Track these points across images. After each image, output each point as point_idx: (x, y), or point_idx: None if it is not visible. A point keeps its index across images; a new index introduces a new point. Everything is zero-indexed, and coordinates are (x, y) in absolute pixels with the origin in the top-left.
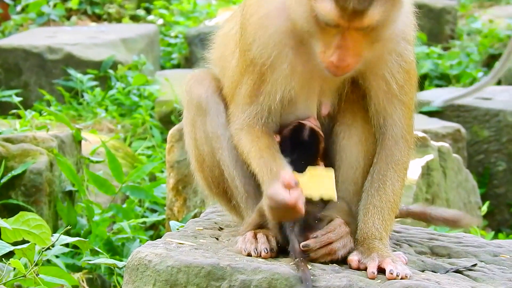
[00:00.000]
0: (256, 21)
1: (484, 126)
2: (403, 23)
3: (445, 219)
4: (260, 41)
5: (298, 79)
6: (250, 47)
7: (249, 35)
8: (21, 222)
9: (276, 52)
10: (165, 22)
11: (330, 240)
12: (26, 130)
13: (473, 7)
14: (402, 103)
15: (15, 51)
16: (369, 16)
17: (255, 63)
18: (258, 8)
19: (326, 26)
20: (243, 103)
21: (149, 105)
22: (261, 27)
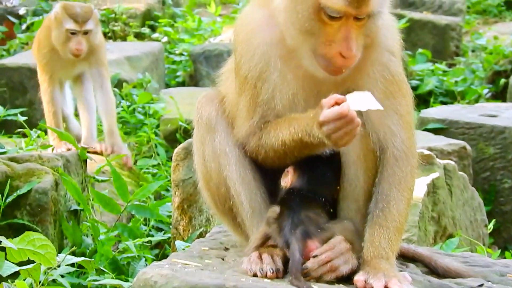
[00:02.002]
0: (242, 38)
1: (489, 143)
2: (385, 34)
3: (449, 270)
4: (247, 56)
5: (290, 89)
6: (240, 65)
7: (238, 54)
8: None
9: (263, 63)
10: (170, 40)
11: (329, 258)
12: (32, 149)
13: (477, 24)
14: (399, 115)
15: (20, 70)
16: (373, 3)
17: (247, 79)
18: (244, 26)
19: (329, 20)
20: (243, 117)
21: (154, 123)
22: (247, 42)
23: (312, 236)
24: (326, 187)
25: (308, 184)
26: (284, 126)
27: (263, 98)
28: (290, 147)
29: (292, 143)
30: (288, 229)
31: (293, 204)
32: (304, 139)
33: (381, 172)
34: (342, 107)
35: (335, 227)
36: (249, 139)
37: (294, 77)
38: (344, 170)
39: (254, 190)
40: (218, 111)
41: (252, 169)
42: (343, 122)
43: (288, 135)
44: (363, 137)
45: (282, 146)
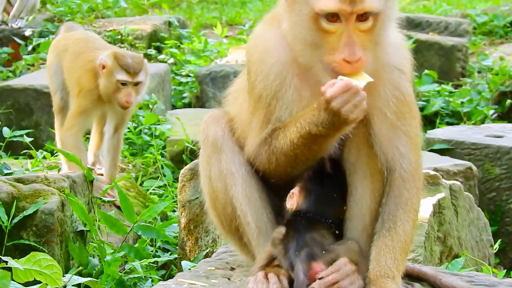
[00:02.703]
0: (256, 58)
1: (495, 163)
2: (395, 52)
3: None
4: (263, 75)
5: (306, 105)
6: (255, 84)
7: (253, 73)
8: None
9: (278, 81)
10: (176, 61)
11: (335, 279)
12: (38, 170)
13: (483, 45)
14: (408, 137)
15: (26, 91)
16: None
17: (261, 98)
18: (257, 46)
19: (329, 26)
20: (255, 135)
21: (160, 144)
22: (262, 62)
23: (317, 258)
24: (332, 207)
25: (314, 205)
26: (291, 125)
27: (277, 116)
28: (299, 146)
29: (300, 140)
30: (293, 251)
31: (298, 226)
32: (312, 131)
33: (388, 192)
34: (346, 81)
35: (339, 248)
36: (260, 151)
37: (311, 94)
38: (351, 190)
39: (260, 210)
40: (224, 131)
41: (259, 189)
42: (350, 93)
43: (295, 133)
44: (371, 157)
45: (291, 147)
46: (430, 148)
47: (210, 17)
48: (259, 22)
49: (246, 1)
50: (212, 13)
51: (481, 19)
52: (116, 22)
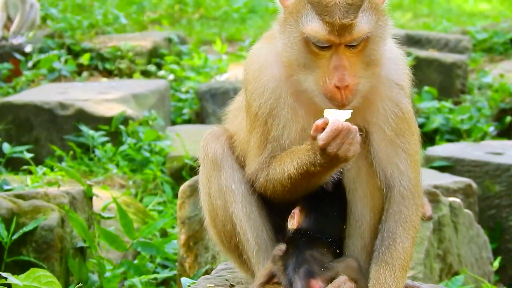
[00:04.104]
0: (252, 75)
1: (495, 181)
2: (394, 68)
3: None
4: (258, 93)
5: (300, 124)
6: (251, 102)
7: (249, 91)
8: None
9: (273, 99)
10: (176, 78)
11: None
12: (38, 186)
13: (483, 62)
14: (407, 154)
15: (26, 107)
16: (357, 27)
17: (258, 116)
18: (253, 64)
19: (319, 51)
20: (254, 154)
21: (160, 161)
22: (256, 80)
23: (316, 275)
24: (332, 226)
25: (314, 223)
26: (287, 160)
27: (273, 135)
28: (297, 180)
29: (298, 176)
30: (292, 268)
31: (299, 243)
32: (310, 170)
33: (387, 210)
34: (334, 123)
35: (339, 266)
36: (258, 175)
37: (305, 112)
38: (351, 208)
39: (260, 227)
40: (224, 148)
41: (258, 206)
42: (343, 135)
43: (292, 169)
44: (371, 175)
45: (289, 180)
46: (430, 165)
47: (210, 33)
48: (258, 40)
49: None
50: (212, 29)
51: (481, 36)
52: (116, 38)
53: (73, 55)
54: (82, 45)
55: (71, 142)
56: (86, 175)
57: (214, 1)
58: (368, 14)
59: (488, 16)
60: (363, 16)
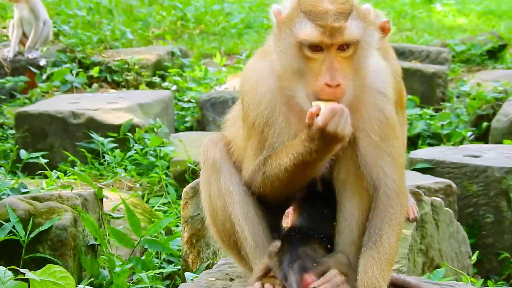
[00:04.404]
0: (248, 88)
1: (473, 181)
2: (378, 77)
3: None
4: (255, 103)
5: (294, 131)
6: (248, 113)
7: (246, 102)
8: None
9: (269, 110)
10: (179, 88)
11: None
12: (52, 189)
13: (462, 72)
14: (391, 157)
15: (41, 116)
16: (348, 30)
17: (255, 125)
18: (249, 77)
19: (313, 54)
20: (250, 160)
21: (164, 165)
22: (253, 92)
23: (308, 270)
24: (323, 223)
25: (307, 222)
26: (283, 155)
27: (270, 142)
28: (294, 172)
29: (294, 168)
30: (287, 263)
31: (293, 240)
32: (306, 159)
33: (374, 209)
34: (330, 104)
35: (330, 261)
36: (256, 176)
37: (298, 120)
38: (340, 207)
39: (257, 225)
40: (222, 153)
41: (255, 206)
42: (339, 114)
43: (289, 162)
44: (358, 177)
45: (286, 173)
46: (413, 167)
47: (210, 47)
48: (253, 54)
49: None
50: (211, 43)
51: (459, 48)
52: (124, 53)
53: (84, 68)
54: (92, 59)
55: (83, 149)
56: (97, 178)
57: (214, 18)
58: (357, 21)
59: (466, 30)
60: (352, 22)
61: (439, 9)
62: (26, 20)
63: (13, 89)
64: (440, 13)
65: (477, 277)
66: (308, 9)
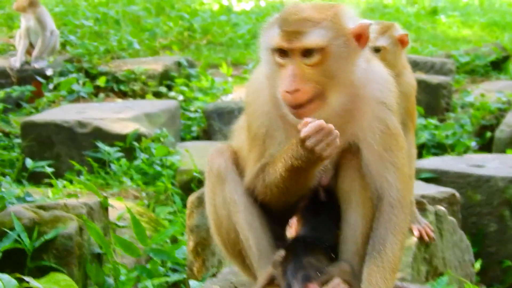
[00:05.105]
0: (249, 99)
1: (477, 191)
2: (378, 87)
3: None
4: (255, 115)
5: None
6: (251, 124)
7: (248, 113)
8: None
9: (268, 122)
10: (185, 98)
11: None
12: (58, 198)
13: (466, 82)
14: (395, 167)
15: (47, 126)
16: (308, 36)
17: (257, 136)
18: (250, 87)
19: (280, 60)
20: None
21: (170, 174)
22: (253, 103)
23: (312, 279)
24: (327, 233)
25: (311, 231)
26: (278, 160)
27: (270, 153)
28: (286, 178)
29: (287, 173)
30: (291, 273)
31: (297, 250)
32: (294, 164)
33: (378, 218)
34: (319, 121)
35: (333, 270)
36: (255, 184)
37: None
38: (345, 217)
39: (261, 235)
40: (227, 163)
41: (260, 216)
42: (323, 134)
43: (282, 167)
44: (363, 186)
45: (281, 179)
46: (418, 177)
47: (217, 57)
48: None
49: (249, 43)
50: (218, 54)
51: (463, 59)
52: (130, 63)
53: (91, 78)
54: (98, 69)
55: (89, 158)
56: (103, 187)
57: (220, 28)
58: (326, 31)
59: (470, 41)
60: (318, 30)
61: (443, 20)
62: (33, 30)
63: (20, 98)
64: (445, 25)
65: (481, 286)
66: (281, 16)
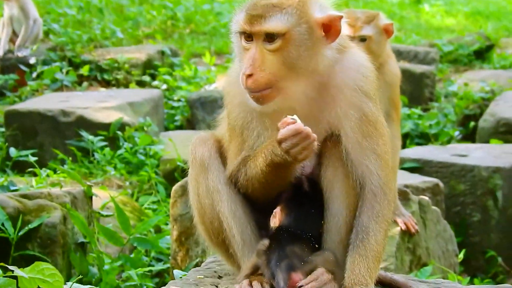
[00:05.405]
0: (226, 89)
1: (460, 180)
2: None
3: None
4: (231, 106)
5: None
6: (229, 115)
7: (226, 104)
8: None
9: (243, 113)
10: (169, 87)
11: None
12: (42, 187)
13: (449, 72)
14: (376, 154)
15: (31, 115)
16: (269, 21)
17: (235, 128)
18: (227, 77)
19: (245, 44)
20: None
21: (154, 163)
22: (229, 93)
23: (296, 269)
24: (311, 222)
25: (294, 221)
26: (258, 155)
27: (249, 144)
28: (267, 173)
29: (267, 168)
30: (275, 262)
31: (281, 239)
32: (274, 160)
33: (360, 206)
34: (297, 125)
35: (317, 259)
36: (238, 176)
37: (273, 122)
38: (328, 206)
39: (245, 224)
40: (211, 152)
41: (243, 205)
42: (299, 138)
43: (262, 162)
44: (346, 175)
45: (262, 174)
46: (401, 167)
47: (200, 47)
48: None
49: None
50: (201, 43)
51: (447, 49)
52: (114, 51)
53: (74, 66)
54: (82, 58)
55: (72, 147)
56: (86, 176)
57: (204, 17)
58: (289, 17)
59: (453, 30)
60: (281, 16)
61: (427, 9)
62: (16, 19)
63: (3, 87)
64: (428, 14)
65: (464, 275)
66: (251, 1)
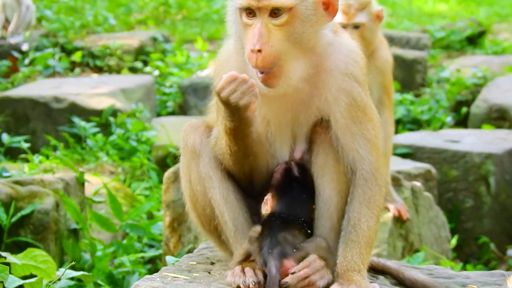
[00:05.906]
0: (217, 67)
1: (452, 166)
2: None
3: (415, 282)
4: None
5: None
6: None
7: (216, 82)
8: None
9: None
10: (161, 73)
11: (307, 274)
12: (34, 173)
13: (442, 58)
14: (366, 139)
15: (23, 101)
16: None
17: None
18: (218, 56)
19: (247, 20)
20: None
21: (146, 150)
22: (220, 72)
23: (288, 255)
24: (302, 208)
25: (286, 207)
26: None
27: None
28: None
29: (227, 137)
30: (267, 249)
31: (273, 226)
32: (227, 125)
33: (352, 192)
34: (231, 73)
35: (309, 246)
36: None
37: (266, 100)
38: (319, 192)
39: (237, 210)
40: (202, 138)
41: (235, 191)
42: (236, 83)
43: (222, 132)
44: (337, 161)
45: (226, 145)
46: (393, 152)
47: (192, 33)
48: None
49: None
50: (193, 29)
51: (439, 35)
52: (106, 38)
53: (66, 53)
54: (74, 44)
55: (65, 133)
56: (79, 163)
57: (196, 3)
58: None
59: (445, 16)
60: None
61: None
62: (9, 5)
63: None
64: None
65: (456, 261)
66: None
